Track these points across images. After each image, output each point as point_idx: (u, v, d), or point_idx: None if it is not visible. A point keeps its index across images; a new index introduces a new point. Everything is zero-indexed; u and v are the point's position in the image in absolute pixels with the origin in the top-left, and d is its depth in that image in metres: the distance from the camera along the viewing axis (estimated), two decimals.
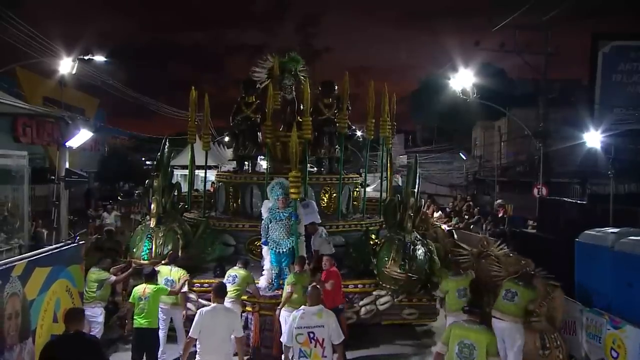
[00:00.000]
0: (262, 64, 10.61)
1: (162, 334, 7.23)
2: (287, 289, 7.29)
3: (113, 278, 7.74)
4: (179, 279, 7.45)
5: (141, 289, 6.85)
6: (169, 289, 7.21)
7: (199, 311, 5.75)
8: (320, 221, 9.00)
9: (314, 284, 6.31)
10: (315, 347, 5.13)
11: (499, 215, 15.93)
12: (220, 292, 5.92)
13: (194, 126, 10.70)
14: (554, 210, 14.31)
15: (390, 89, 10.62)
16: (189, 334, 5.58)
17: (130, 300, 6.98)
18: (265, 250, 8.37)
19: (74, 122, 10.04)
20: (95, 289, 7.45)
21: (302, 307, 5.51)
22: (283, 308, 7.22)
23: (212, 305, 5.77)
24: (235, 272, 7.56)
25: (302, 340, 5.15)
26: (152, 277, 7.06)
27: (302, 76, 10.69)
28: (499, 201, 17.78)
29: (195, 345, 5.53)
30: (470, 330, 5.19)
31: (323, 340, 5.14)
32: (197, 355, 5.49)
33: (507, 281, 7.14)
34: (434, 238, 9.85)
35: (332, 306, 6.48)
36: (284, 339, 5.43)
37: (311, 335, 5.14)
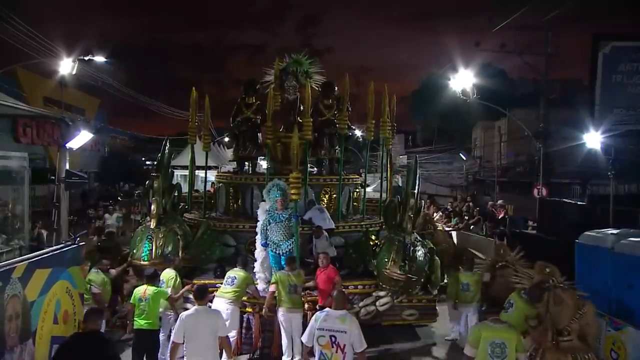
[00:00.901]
0: (272, 67, 10.58)
1: (162, 336, 7.23)
2: (270, 287, 7.45)
3: (96, 291, 7.54)
4: (167, 282, 7.41)
5: (142, 290, 6.86)
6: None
7: (180, 315, 5.76)
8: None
9: (339, 288, 6.36)
10: (336, 352, 5.06)
11: (500, 217, 15.91)
12: (200, 295, 5.88)
13: (194, 127, 10.70)
14: (554, 211, 14.33)
15: (390, 89, 10.64)
16: (172, 338, 5.59)
17: (131, 301, 6.98)
18: (258, 251, 8.37)
19: (74, 123, 10.03)
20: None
21: (326, 309, 5.50)
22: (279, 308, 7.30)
23: (194, 307, 5.78)
24: (235, 274, 7.53)
25: (324, 343, 5.10)
26: (153, 279, 7.06)
27: (316, 76, 10.62)
28: (499, 201, 17.78)
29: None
30: (499, 330, 5.31)
31: (344, 346, 5.06)
32: (184, 358, 5.51)
33: (515, 291, 6.86)
34: (439, 240, 9.95)
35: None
36: (304, 338, 5.40)
37: (333, 339, 5.08)
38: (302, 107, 10.04)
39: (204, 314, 5.68)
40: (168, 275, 7.52)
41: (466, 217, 16.70)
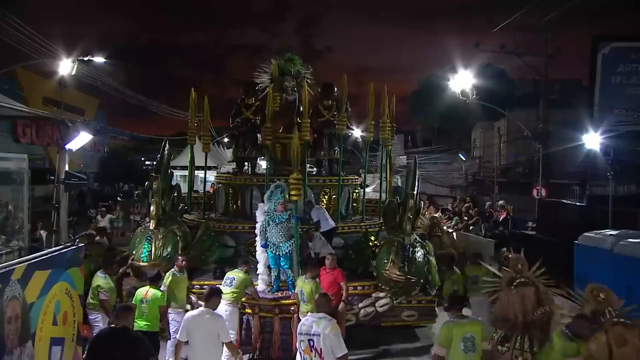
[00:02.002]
0: (265, 68, 10.59)
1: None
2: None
3: (104, 297, 7.32)
4: (164, 281, 7.38)
5: (143, 291, 6.87)
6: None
7: (185, 315, 5.79)
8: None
9: (322, 291, 6.34)
10: (314, 356, 4.81)
11: (500, 218, 15.87)
12: (207, 296, 5.84)
13: (194, 127, 10.71)
14: (554, 212, 14.36)
15: (390, 89, 10.63)
16: (177, 336, 5.61)
17: (132, 302, 6.98)
18: (259, 253, 8.37)
19: (74, 124, 10.04)
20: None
21: (309, 313, 5.48)
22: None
23: (200, 308, 5.80)
24: (234, 275, 7.51)
25: (304, 348, 4.94)
26: (155, 281, 7.05)
27: (307, 77, 10.67)
28: (500, 202, 17.76)
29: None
30: (467, 325, 5.41)
31: (321, 350, 4.76)
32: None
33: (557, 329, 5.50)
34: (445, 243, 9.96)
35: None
36: (298, 345, 5.29)
37: (311, 343, 4.87)
38: (300, 108, 10.05)
39: (206, 317, 5.66)
40: (166, 274, 7.53)
41: (465, 218, 16.68)
